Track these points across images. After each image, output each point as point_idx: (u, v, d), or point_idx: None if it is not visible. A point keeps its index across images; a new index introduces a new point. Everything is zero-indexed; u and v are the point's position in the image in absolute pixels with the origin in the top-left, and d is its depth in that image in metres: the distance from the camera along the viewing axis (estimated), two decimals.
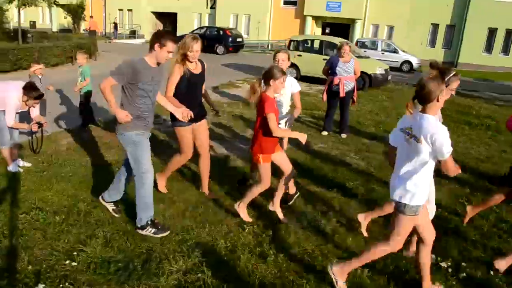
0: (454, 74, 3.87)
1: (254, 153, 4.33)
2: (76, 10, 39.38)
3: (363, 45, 25.28)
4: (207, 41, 25.33)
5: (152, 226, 4.15)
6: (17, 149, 5.81)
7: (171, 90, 4.53)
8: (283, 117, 5.11)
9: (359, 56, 15.71)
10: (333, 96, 8.29)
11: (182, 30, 34.46)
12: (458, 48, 30.45)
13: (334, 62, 8.19)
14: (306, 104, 11.87)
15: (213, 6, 36.30)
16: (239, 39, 27.49)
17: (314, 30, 33.58)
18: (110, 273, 3.51)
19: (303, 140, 4.18)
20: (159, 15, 40.12)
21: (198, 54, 4.52)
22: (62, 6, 35.86)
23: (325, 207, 4.97)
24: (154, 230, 4.13)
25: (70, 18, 39.94)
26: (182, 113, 4.25)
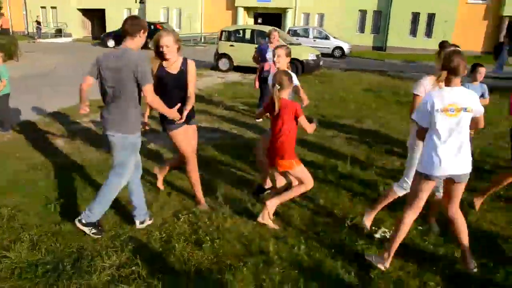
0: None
1: (287, 160, 4.06)
2: None
3: (295, 33, 25.69)
4: None
5: (95, 227, 3.94)
6: None
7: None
8: None
9: (291, 43, 15.91)
10: (265, 82, 8.31)
11: (112, 26, 33.42)
12: (386, 32, 31.68)
13: (263, 49, 8.24)
14: (241, 93, 11.91)
15: (142, 1, 35.44)
16: None
17: (246, 21, 33.65)
18: (37, 276, 3.32)
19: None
20: (86, 12, 38.65)
21: (168, 50, 4.07)
22: None
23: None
24: (95, 231, 3.92)
25: None
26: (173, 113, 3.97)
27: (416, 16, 31.23)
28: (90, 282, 3.27)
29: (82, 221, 3.89)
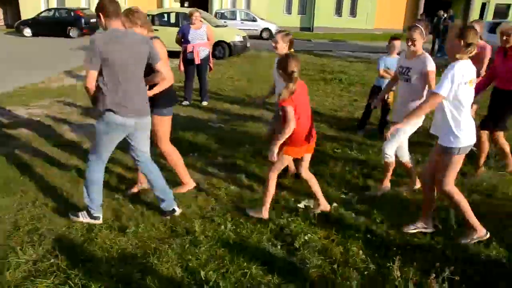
0: None
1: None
2: None
3: (223, 16, 25.46)
4: (57, 24, 23.45)
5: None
6: None
7: None
8: None
9: (217, 25, 15.77)
10: (189, 64, 8.19)
11: (27, 14, 31.35)
12: (312, 13, 32.25)
13: (185, 30, 8.08)
14: None
15: None
16: (93, 20, 25.69)
17: (172, 5, 32.86)
18: None
19: None
20: None
21: None
22: None
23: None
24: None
25: None
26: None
27: None
28: (1, 280, 3.08)
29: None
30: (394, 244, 3.57)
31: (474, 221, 3.55)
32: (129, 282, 3.06)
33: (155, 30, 15.14)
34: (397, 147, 4.33)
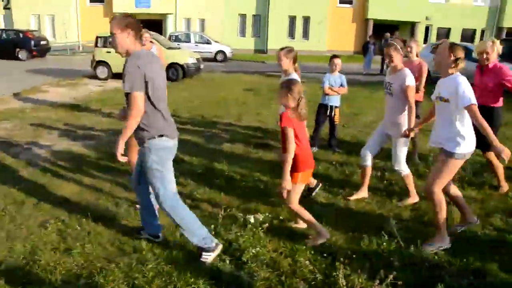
0: None
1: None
2: None
3: (177, 38, 25.58)
4: (5, 45, 22.76)
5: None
6: None
7: None
8: None
9: (171, 47, 15.81)
10: None
11: None
12: (266, 35, 32.92)
13: None
14: (120, 100, 11.50)
15: (7, 7, 32.61)
16: (44, 42, 25.10)
17: None
18: None
19: None
20: None
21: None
22: None
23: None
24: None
25: None
26: None
27: (293, 19, 32.98)
28: None
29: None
30: (341, 253, 3.66)
31: (443, 230, 3.76)
32: None
33: (108, 52, 15.17)
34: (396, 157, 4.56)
